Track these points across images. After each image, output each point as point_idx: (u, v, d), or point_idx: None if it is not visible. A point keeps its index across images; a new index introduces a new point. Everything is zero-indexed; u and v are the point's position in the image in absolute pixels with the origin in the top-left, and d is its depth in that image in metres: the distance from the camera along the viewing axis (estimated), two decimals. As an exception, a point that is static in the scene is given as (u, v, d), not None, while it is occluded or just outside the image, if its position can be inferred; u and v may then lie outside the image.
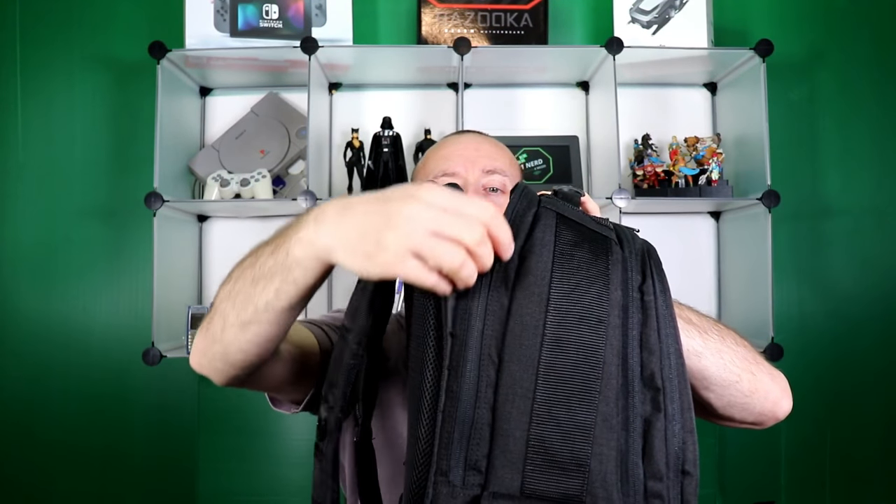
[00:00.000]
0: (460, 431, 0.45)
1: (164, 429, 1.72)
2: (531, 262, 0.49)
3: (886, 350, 1.75)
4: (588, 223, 0.53)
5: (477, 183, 0.87)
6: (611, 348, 0.47)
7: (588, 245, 0.50)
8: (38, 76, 1.76)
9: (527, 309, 0.47)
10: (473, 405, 0.45)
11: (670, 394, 0.50)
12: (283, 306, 0.56)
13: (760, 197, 1.53)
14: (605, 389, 0.46)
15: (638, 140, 1.70)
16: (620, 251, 0.52)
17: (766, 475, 1.74)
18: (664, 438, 0.49)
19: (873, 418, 1.75)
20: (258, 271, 0.58)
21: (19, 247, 1.73)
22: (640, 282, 0.52)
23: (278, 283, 0.55)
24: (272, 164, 1.68)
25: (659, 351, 0.50)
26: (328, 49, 1.56)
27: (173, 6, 1.64)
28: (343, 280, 1.71)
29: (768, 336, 1.52)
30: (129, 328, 1.70)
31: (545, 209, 0.52)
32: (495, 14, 1.68)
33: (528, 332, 0.46)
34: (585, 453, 0.44)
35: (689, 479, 0.49)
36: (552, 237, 0.50)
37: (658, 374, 0.50)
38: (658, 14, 1.63)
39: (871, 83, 1.79)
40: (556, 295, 0.47)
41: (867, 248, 1.77)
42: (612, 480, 0.45)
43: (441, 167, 0.89)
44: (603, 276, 0.49)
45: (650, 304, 0.51)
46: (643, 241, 0.56)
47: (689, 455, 0.50)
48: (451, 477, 0.44)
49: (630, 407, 0.48)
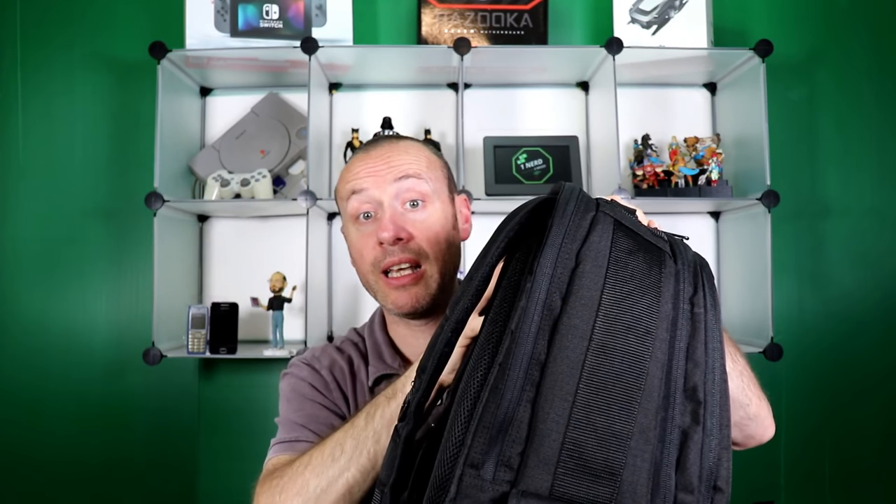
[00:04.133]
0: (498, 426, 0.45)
1: (164, 429, 1.72)
2: (586, 266, 0.49)
3: (886, 350, 1.75)
4: (644, 233, 0.53)
5: (394, 199, 0.83)
6: (656, 361, 0.47)
7: (643, 255, 0.51)
8: (38, 76, 1.76)
9: (577, 312, 0.47)
10: (516, 402, 0.45)
11: (711, 408, 0.50)
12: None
13: (760, 197, 1.53)
14: (645, 401, 0.46)
15: (638, 140, 1.70)
16: (674, 264, 0.52)
17: (766, 475, 1.74)
18: (700, 452, 0.48)
19: (873, 418, 1.75)
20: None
21: (20, 247, 1.74)
22: (692, 293, 0.52)
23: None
24: (272, 164, 1.68)
25: (704, 364, 0.50)
26: (328, 49, 1.56)
27: (173, 6, 1.65)
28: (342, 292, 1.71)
29: (768, 336, 1.52)
30: (130, 328, 1.70)
31: (603, 213, 0.52)
32: (495, 14, 1.68)
33: (575, 336, 0.46)
34: (619, 462, 0.44)
35: (721, 495, 0.49)
36: (608, 243, 0.50)
37: (701, 387, 0.50)
38: (658, 14, 1.63)
39: (870, 83, 1.79)
40: (607, 302, 0.47)
41: (867, 248, 1.77)
42: (642, 492, 0.44)
43: (349, 187, 0.85)
44: (655, 288, 0.49)
45: (700, 317, 0.51)
46: (695, 254, 0.56)
47: (722, 472, 0.49)
48: (483, 470, 0.44)
49: (669, 419, 0.48)
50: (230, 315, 1.57)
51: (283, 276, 1.61)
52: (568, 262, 0.49)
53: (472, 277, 0.54)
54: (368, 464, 0.65)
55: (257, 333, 1.70)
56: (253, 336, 1.70)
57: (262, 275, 1.64)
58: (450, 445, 0.46)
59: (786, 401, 1.75)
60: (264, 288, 1.61)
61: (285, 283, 1.61)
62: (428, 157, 0.89)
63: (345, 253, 0.92)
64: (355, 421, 0.68)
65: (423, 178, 0.85)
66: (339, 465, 0.66)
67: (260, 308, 1.62)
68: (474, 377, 0.47)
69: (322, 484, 0.66)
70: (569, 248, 0.49)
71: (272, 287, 1.59)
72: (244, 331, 1.64)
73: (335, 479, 0.66)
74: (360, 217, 0.85)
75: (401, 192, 0.83)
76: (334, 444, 0.68)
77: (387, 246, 0.81)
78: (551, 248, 0.49)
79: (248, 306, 1.64)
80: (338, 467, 0.66)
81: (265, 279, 1.61)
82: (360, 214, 0.85)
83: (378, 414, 0.67)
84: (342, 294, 1.74)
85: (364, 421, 0.68)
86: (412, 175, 0.84)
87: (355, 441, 0.67)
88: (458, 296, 0.55)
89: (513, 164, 1.67)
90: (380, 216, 0.83)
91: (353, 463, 0.66)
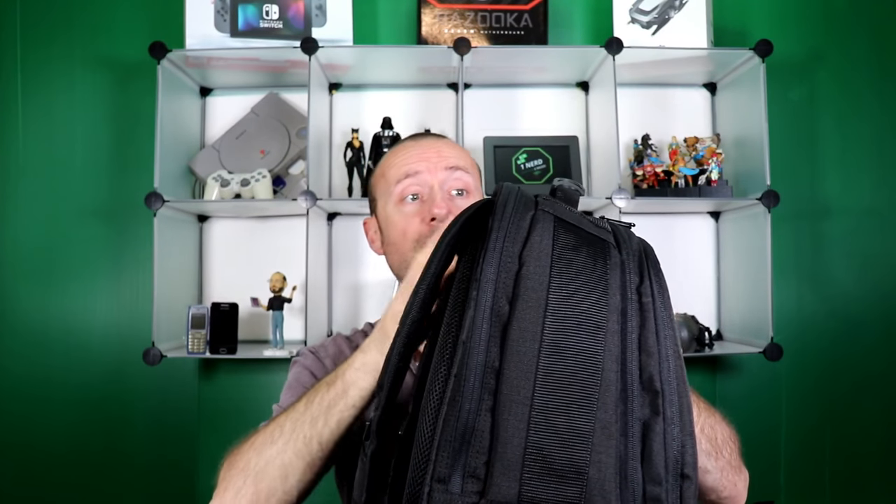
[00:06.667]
0: (460, 439, 0.45)
1: (164, 429, 1.72)
2: (529, 267, 0.48)
3: (886, 350, 1.75)
4: (586, 226, 0.53)
5: (442, 185, 0.88)
6: (609, 354, 0.47)
7: (586, 249, 0.50)
8: (38, 76, 1.76)
9: (525, 315, 0.47)
10: (476, 412, 0.45)
11: (669, 397, 0.49)
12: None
13: (760, 197, 1.53)
14: (603, 396, 0.46)
15: (637, 140, 1.70)
16: (618, 254, 0.52)
17: (766, 475, 1.74)
18: (663, 442, 0.48)
19: (873, 418, 1.75)
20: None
21: (20, 247, 1.74)
22: (638, 283, 0.52)
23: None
24: (272, 164, 1.68)
25: (658, 354, 0.50)
26: (328, 49, 1.56)
27: (173, 6, 1.65)
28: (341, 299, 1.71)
29: (768, 336, 1.52)
30: (130, 328, 1.70)
31: (542, 212, 0.52)
32: (495, 14, 1.68)
33: (526, 339, 0.46)
34: (584, 461, 0.44)
35: (689, 482, 0.49)
36: (550, 241, 0.50)
37: (657, 377, 0.49)
38: (658, 14, 1.63)
39: (870, 83, 1.79)
40: (555, 301, 0.47)
41: (867, 248, 1.77)
42: (610, 488, 0.45)
43: (403, 170, 0.90)
44: (601, 281, 0.49)
45: (648, 306, 0.51)
46: (640, 241, 0.56)
47: (688, 458, 0.49)
48: (451, 484, 0.44)
49: (629, 412, 0.48)
50: (230, 315, 1.57)
51: (283, 276, 1.61)
52: (511, 266, 0.49)
53: (418, 290, 0.55)
54: (304, 448, 0.66)
55: (257, 333, 1.70)
56: (253, 336, 1.70)
57: (262, 275, 1.64)
58: (416, 462, 0.46)
59: (786, 401, 1.75)
60: (264, 288, 1.61)
61: (285, 283, 1.61)
62: (469, 156, 0.96)
63: (345, 253, 0.93)
64: (297, 405, 0.70)
65: (469, 172, 0.91)
66: (277, 447, 0.67)
67: (260, 308, 1.62)
68: (433, 391, 0.47)
69: (261, 463, 0.67)
70: (511, 251, 0.49)
71: (272, 287, 1.59)
72: (244, 331, 1.64)
73: (272, 460, 0.67)
74: (406, 199, 0.90)
75: (449, 179, 0.89)
76: (276, 425, 0.69)
77: (437, 222, 0.85)
78: (493, 253, 0.49)
79: (248, 306, 1.64)
80: (275, 449, 0.67)
81: (265, 279, 1.61)
82: (407, 196, 0.90)
83: (317, 400, 0.68)
84: (342, 294, 1.74)
85: (304, 406, 0.69)
86: (461, 168, 0.90)
87: (293, 424, 0.68)
88: (408, 309, 0.55)
89: (513, 164, 1.67)
90: (428, 198, 0.88)
91: (290, 445, 0.67)
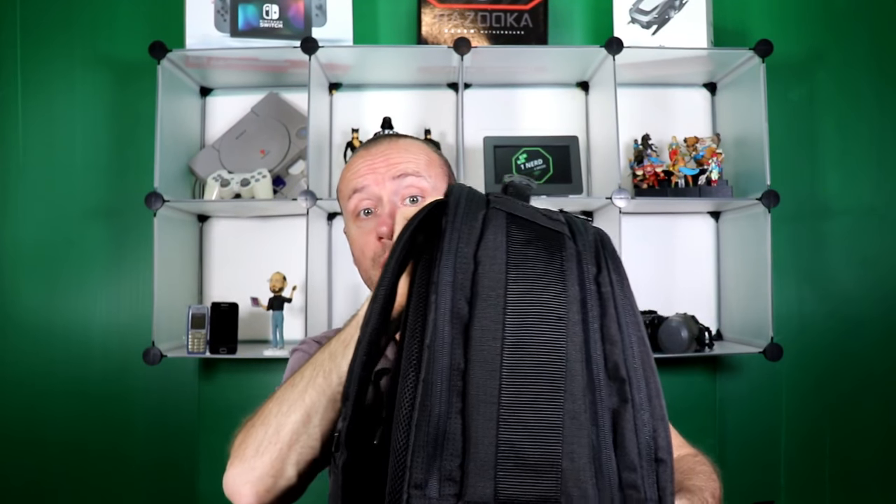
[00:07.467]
0: (433, 443, 0.45)
1: (164, 429, 1.72)
2: (485, 266, 0.49)
3: (886, 350, 1.75)
4: (539, 220, 0.53)
5: (393, 195, 0.85)
6: (573, 345, 0.47)
7: (541, 243, 0.50)
8: (38, 76, 1.76)
9: (485, 314, 0.47)
10: (446, 415, 0.45)
11: (636, 383, 0.49)
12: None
13: (760, 197, 1.53)
14: (570, 387, 0.46)
15: (638, 140, 1.70)
16: (574, 245, 0.52)
17: (766, 475, 1.74)
18: (634, 429, 0.48)
19: (873, 419, 1.75)
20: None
21: (20, 247, 1.74)
22: (596, 273, 0.52)
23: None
24: (272, 164, 1.68)
25: (621, 341, 0.50)
26: (328, 49, 1.56)
27: (173, 6, 1.65)
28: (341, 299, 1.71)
29: (768, 336, 1.52)
30: (130, 328, 1.70)
31: (494, 210, 0.52)
32: (495, 14, 1.68)
33: (488, 338, 0.46)
34: (557, 453, 0.44)
35: (664, 466, 0.49)
36: (504, 238, 0.50)
37: (622, 364, 0.49)
38: (658, 14, 1.63)
39: (870, 83, 1.79)
40: (513, 297, 0.47)
41: (867, 248, 1.77)
42: (586, 477, 0.45)
43: (351, 185, 0.88)
44: (558, 273, 0.49)
45: (608, 295, 0.51)
46: (596, 230, 0.56)
47: (661, 443, 0.49)
48: (428, 489, 0.44)
49: (598, 401, 0.48)
50: (230, 315, 1.57)
51: (283, 276, 1.61)
52: (467, 266, 0.49)
53: (376, 296, 0.55)
54: (324, 382, 0.66)
55: (257, 333, 1.70)
56: (253, 336, 1.70)
57: (262, 275, 1.64)
58: (394, 470, 0.46)
59: (786, 401, 1.75)
60: (264, 288, 1.62)
61: (285, 283, 1.61)
62: (427, 154, 0.91)
63: (344, 253, 0.93)
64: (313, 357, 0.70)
65: (422, 175, 0.87)
66: (298, 389, 0.67)
67: (260, 308, 1.62)
68: (404, 397, 0.47)
69: (283, 408, 0.67)
70: (465, 252, 0.49)
71: (272, 287, 1.59)
72: (244, 331, 1.64)
73: (294, 402, 0.67)
74: (360, 214, 0.87)
75: (400, 188, 0.86)
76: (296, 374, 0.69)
77: (385, 241, 0.83)
78: (448, 255, 0.49)
79: (248, 306, 1.64)
80: (296, 391, 0.67)
81: (265, 279, 1.61)
82: (360, 211, 0.87)
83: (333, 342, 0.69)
84: (342, 294, 1.74)
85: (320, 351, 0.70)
86: (411, 174, 0.86)
87: (312, 368, 0.68)
88: (367, 317, 0.55)
89: (513, 164, 1.67)
90: (379, 212, 0.85)
91: (311, 385, 0.67)
